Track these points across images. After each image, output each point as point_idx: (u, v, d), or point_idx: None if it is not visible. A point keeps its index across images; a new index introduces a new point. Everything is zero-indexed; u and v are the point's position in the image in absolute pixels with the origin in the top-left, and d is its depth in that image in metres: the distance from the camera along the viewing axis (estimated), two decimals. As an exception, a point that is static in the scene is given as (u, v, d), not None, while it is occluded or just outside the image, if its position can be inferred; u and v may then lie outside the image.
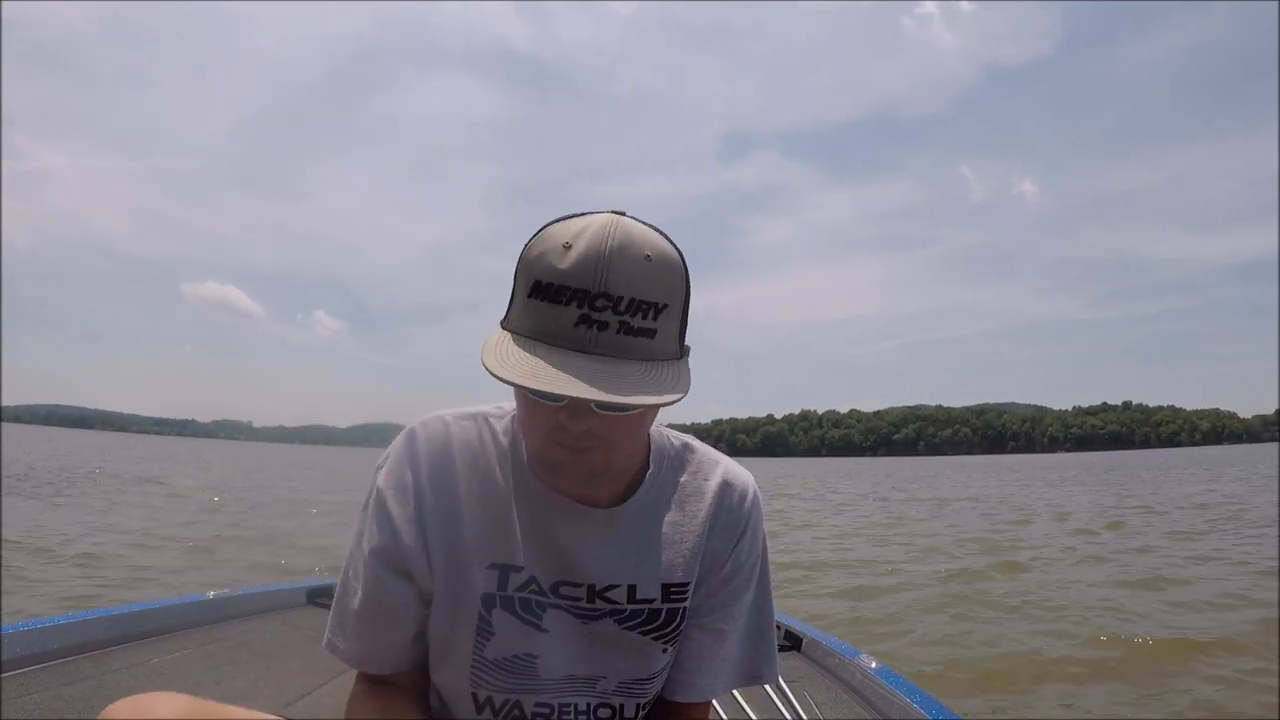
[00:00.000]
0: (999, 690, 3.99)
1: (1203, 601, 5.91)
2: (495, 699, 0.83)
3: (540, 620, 0.81)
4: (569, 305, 0.67)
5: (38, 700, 1.73)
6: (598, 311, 0.67)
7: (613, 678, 0.84)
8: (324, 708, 1.95)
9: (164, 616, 2.30)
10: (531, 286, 0.69)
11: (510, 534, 0.81)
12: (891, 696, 1.90)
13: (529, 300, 0.70)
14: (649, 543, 0.84)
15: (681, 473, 0.87)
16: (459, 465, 0.83)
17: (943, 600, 6.22)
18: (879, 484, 30.85)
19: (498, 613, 0.81)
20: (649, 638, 0.84)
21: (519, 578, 0.81)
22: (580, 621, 0.82)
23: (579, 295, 0.67)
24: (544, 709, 0.83)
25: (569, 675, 0.83)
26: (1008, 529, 11.77)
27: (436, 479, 0.82)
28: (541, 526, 0.82)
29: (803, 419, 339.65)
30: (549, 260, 0.69)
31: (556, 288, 0.68)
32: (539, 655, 0.81)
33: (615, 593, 0.83)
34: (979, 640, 4.91)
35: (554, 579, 0.82)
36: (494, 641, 0.81)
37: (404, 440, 0.84)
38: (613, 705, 0.85)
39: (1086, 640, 4.84)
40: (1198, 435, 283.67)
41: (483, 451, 0.84)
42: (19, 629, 1.91)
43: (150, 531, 9.17)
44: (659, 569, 0.84)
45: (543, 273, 0.69)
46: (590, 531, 0.82)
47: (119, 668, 1.99)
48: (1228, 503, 15.41)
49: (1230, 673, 4.08)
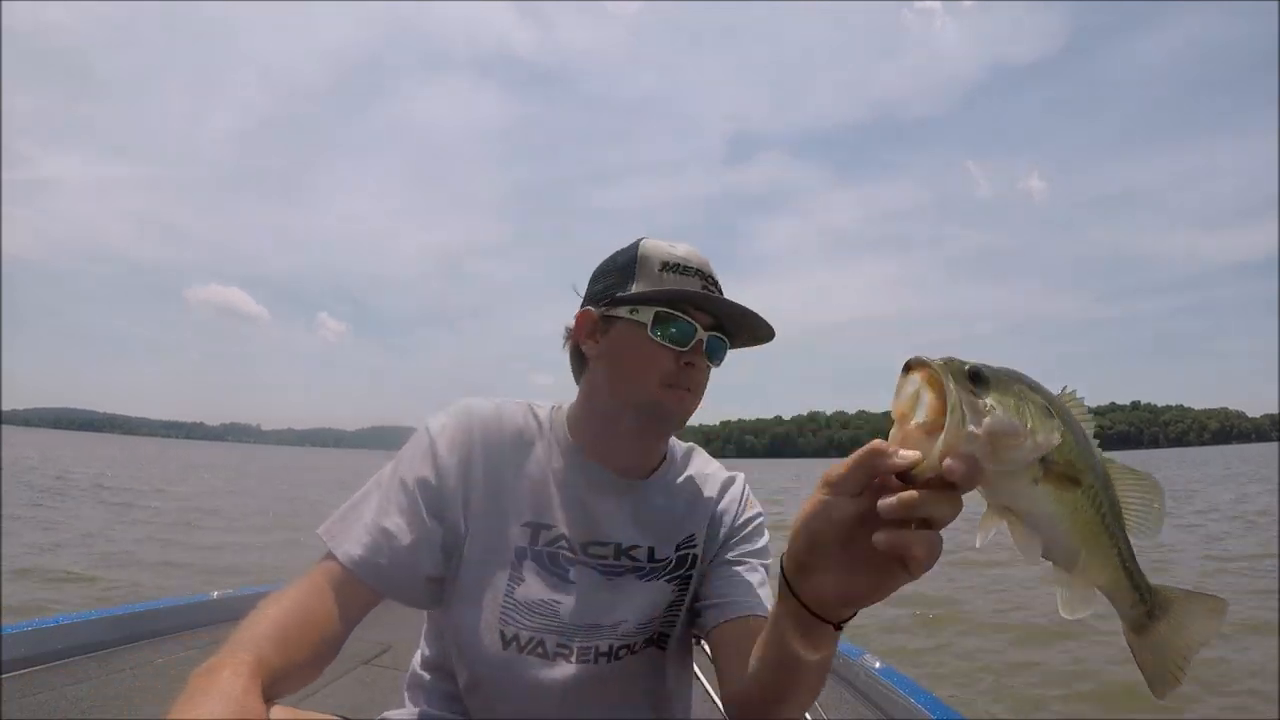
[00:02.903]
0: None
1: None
2: (521, 636, 0.93)
3: (567, 574, 0.95)
4: (694, 277, 0.95)
5: (41, 700, 1.74)
6: (711, 285, 0.96)
7: (631, 620, 0.98)
8: (330, 706, 1.96)
9: (168, 616, 2.31)
10: (662, 264, 0.95)
11: (547, 499, 0.96)
12: (895, 697, 1.89)
13: (661, 273, 0.95)
14: (666, 512, 1.02)
15: (689, 465, 1.09)
16: (507, 436, 0.98)
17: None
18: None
19: (528, 564, 0.94)
20: (661, 580, 1.00)
21: (549, 534, 0.95)
22: (605, 577, 0.97)
23: (699, 273, 0.96)
24: (564, 648, 0.94)
25: (592, 622, 0.95)
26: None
27: (488, 442, 0.96)
28: (577, 496, 0.97)
29: (811, 420, 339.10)
30: (667, 249, 0.96)
31: (684, 265, 0.95)
32: (562, 601, 0.94)
33: (638, 552, 0.99)
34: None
35: (584, 539, 0.97)
36: (523, 586, 0.94)
37: (460, 407, 0.98)
38: (630, 644, 0.98)
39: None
40: (1206, 435, 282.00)
41: (529, 428, 1.00)
42: (21, 629, 1.92)
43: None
44: (673, 532, 1.02)
45: (668, 256, 0.95)
46: (619, 501, 0.99)
47: (123, 667, 1.99)
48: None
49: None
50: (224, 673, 0.66)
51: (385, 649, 2.51)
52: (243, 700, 0.64)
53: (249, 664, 0.69)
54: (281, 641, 0.76)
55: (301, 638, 0.79)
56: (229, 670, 0.67)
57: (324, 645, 0.82)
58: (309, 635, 0.80)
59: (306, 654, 0.79)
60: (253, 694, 0.65)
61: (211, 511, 13.39)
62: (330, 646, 0.84)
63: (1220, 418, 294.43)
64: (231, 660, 0.68)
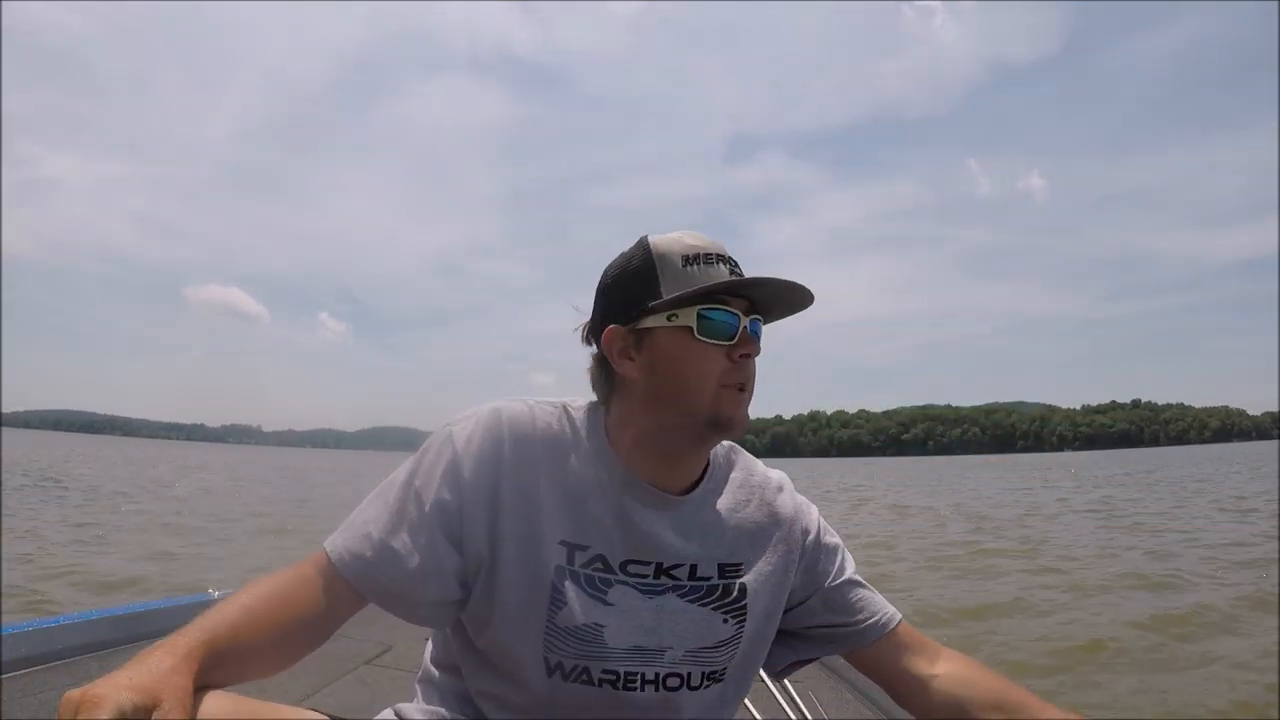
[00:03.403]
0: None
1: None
2: (565, 664, 0.87)
3: (606, 595, 0.88)
4: (718, 265, 0.87)
5: (42, 700, 1.74)
6: (736, 269, 0.88)
7: (679, 647, 0.90)
8: (330, 706, 1.96)
9: (170, 615, 2.30)
10: (684, 259, 0.87)
11: (583, 515, 0.88)
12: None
13: (685, 270, 0.86)
14: (709, 527, 0.94)
15: (731, 469, 1.00)
16: (540, 447, 0.89)
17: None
18: (940, 490, 26.36)
19: (568, 584, 0.86)
20: (709, 609, 0.92)
21: (585, 555, 0.88)
22: (646, 597, 0.89)
23: (719, 257, 0.87)
24: (610, 675, 0.87)
25: (636, 646, 0.88)
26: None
27: (519, 459, 0.87)
28: (616, 510, 0.89)
29: (811, 419, 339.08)
30: (684, 241, 0.88)
31: (705, 254, 0.87)
32: (605, 625, 0.87)
33: (679, 570, 0.91)
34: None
35: (622, 558, 0.89)
36: (564, 611, 0.86)
37: (490, 415, 0.89)
38: (680, 674, 0.90)
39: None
40: (1207, 433, 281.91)
41: (563, 436, 0.91)
42: (22, 629, 1.92)
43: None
44: (717, 550, 0.93)
45: (686, 249, 0.87)
46: (660, 517, 0.91)
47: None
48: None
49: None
50: (157, 651, 0.66)
51: (385, 649, 2.51)
52: (165, 678, 0.63)
53: (186, 644, 0.68)
54: (244, 625, 0.74)
55: (271, 622, 0.76)
56: (162, 649, 0.66)
57: (300, 632, 0.79)
58: (281, 619, 0.77)
59: (274, 638, 0.76)
60: (179, 673, 0.64)
61: (212, 511, 13.39)
62: (309, 635, 0.81)
63: (1221, 416, 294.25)
64: (169, 641, 0.68)
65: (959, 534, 11.60)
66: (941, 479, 36.16)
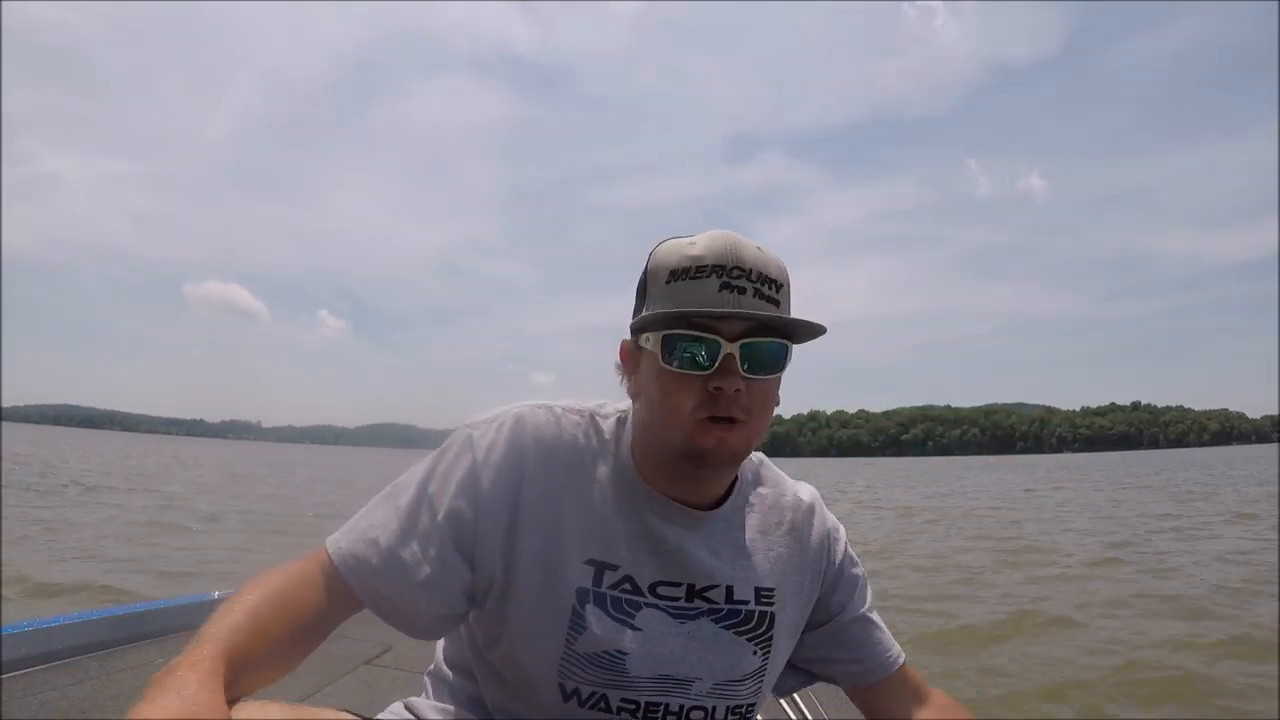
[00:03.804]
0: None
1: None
2: (582, 690, 0.82)
3: (633, 619, 0.82)
4: (710, 277, 0.75)
5: (42, 700, 1.74)
6: (735, 279, 0.76)
7: (707, 679, 0.84)
8: (340, 702, 1.95)
9: (170, 615, 2.30)
10: (669, 274, 0.77)
11: (611, 533, 0.83)
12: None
13: (668, 286, 0.77)
14: (741, 546, 0.88)
15: (760, 485, 0.94)
16: (564, 460, 0.83)
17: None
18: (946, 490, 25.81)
19: (591, 608, 0.81)
20: (743, 638, 0.86)
21: (614, 575, 0.82)
22: (677, 621, 0.83)
23: (717, 268, 0.76)
24: (630, 705, 0.82)
25: (662, 675, 0.82)
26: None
27: (543, 473, 0.82)
28: (643, 527, 0.83)
29: (811, 419, 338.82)
30: (680, 250, 0.78)
31: (695, 266, 0.76)
32: (629, 653, 0.81)
33: (714, 593, 0.85)
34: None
35: (652, 579, 0.83)
36: (585, 636, 0.81)
37: (514, 423, 0.83)
38: (705, 707, 0.84)
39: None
40: (1206, 436, 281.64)
41: (589, 449, 0.85)
42: (22, 628, 1.92)
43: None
44: (751, 573, 0.87)
45: (678, 261, 0.77)
46: (689, 535, 0.85)
47: (124, 667, 1.99)
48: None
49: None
50: (179, 671, 0.61)
51: (386, 649, 2.51)
52: (197, 697, 0.59)
53: (209, 658, 0.63)
54: (255, 631, 0.69)
55: (279, 626, 0.72)
56: (185, 668, 0.62)
57: (303, 635, 0.75)
58: (287, 623, 0.73)
59: (283, 642, 0.72)
60: (209, 689, 0.61)
61: (212, 510, 13.37)
62: (311, 637, 0.77)
63: (1220, 419, 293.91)
64: (189, 658, 0.64)
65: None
66: (938, 480, 36.01)
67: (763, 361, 0.77)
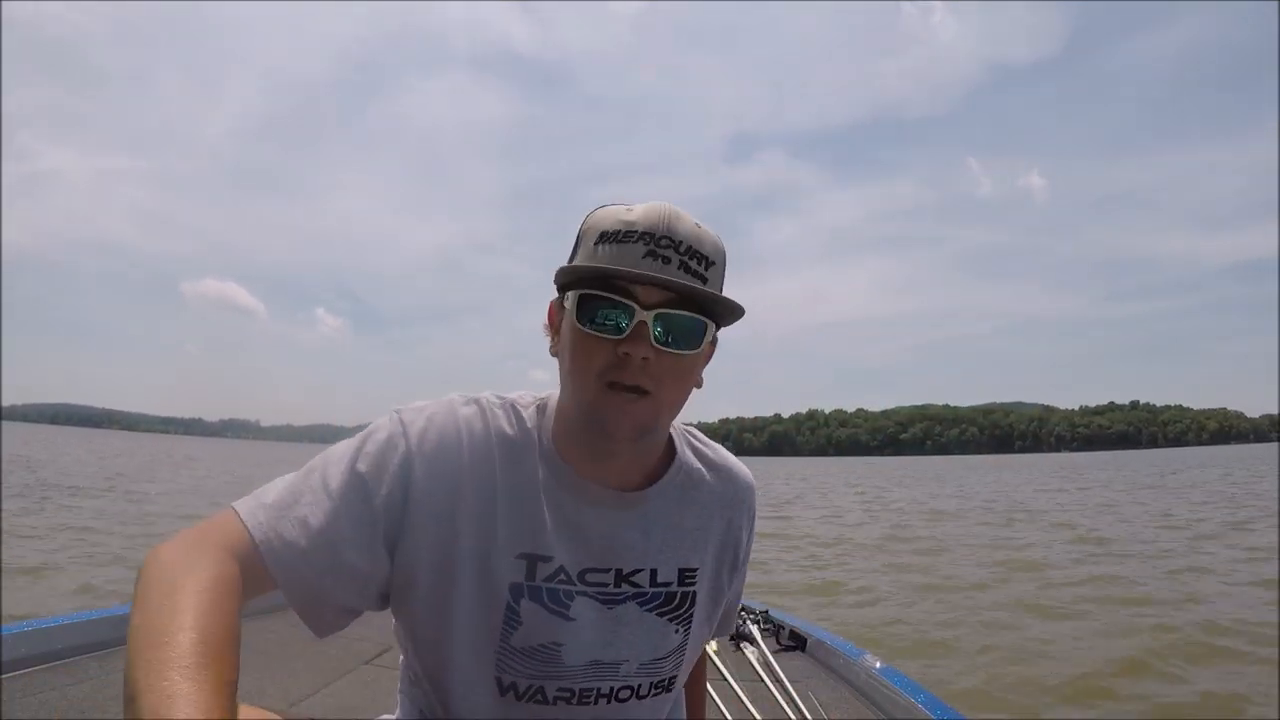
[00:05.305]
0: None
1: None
2: (519, 684, 0.81)
3: (568, 610, 0.82)
4: (636, 243, 0.74)
5: (42, 700, 1.74)
6: (662, 248, 0.74)
7: (634, 660, 0.85)
8: (330, 706, 1.96)
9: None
10: (600, 235, 0.76)
11: (540, 524, 0.81)
12: (896, 696, 1.88)
13: (595, 247, 0.75)
14: (670, 528, 0.87)
15: (695, 462, 0.91)
16: (494, 453, 0.81)
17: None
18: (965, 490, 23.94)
19: (526, 603, 0.80)
20: (665, 619, 0.87)
21: (547, 567, 0.81)
22: (605, 607, 0.83)
23: (646, 235, 0.74)
24: (565, 693, 0.83)
25: (593, 661, 0.83)
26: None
27: (474, 467, 0.80)
28: (570, 515, 0.82)
29: (810, 418, 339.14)
30: (615, 215, 0.76)
31: (625, 231, 0.74)
32: (564, 644, 0.82)
33: (639, 576, 0.85)
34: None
35: (582, 566, 0.82)
36: (521, 630, 0.80)
37: (446, 415, 0.81)
38: (632, 686, 0.86)
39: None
40: (1205, 435, 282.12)
41: (516, 440, 0.83)
42: (22, 629, 1.92)
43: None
44: (677, 554, 0.87)
45: (610, 224, 0.75)
46: (618, 517, 0.84)
47: (123, 667, 1.99)
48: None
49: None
50: (182, 693, 0.54)
51: (385, 649, 2.51)
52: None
53: (194, 674, 0.56)
54: (218, 633, 0.60)
55: (228, 623, 0.62)
56: (186, 683, 0.55)
57: (238, 627, 0.65)
58: (231, 619, 0.63)
59: (233, 639, 0.62)
60: (220, 709, 0.55)
61: (213, 510, 13.33)
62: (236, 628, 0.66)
63: (1219, 418, 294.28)
64: (188, 678, 0.55)
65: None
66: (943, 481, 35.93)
67: (677, 335, 0.75)
